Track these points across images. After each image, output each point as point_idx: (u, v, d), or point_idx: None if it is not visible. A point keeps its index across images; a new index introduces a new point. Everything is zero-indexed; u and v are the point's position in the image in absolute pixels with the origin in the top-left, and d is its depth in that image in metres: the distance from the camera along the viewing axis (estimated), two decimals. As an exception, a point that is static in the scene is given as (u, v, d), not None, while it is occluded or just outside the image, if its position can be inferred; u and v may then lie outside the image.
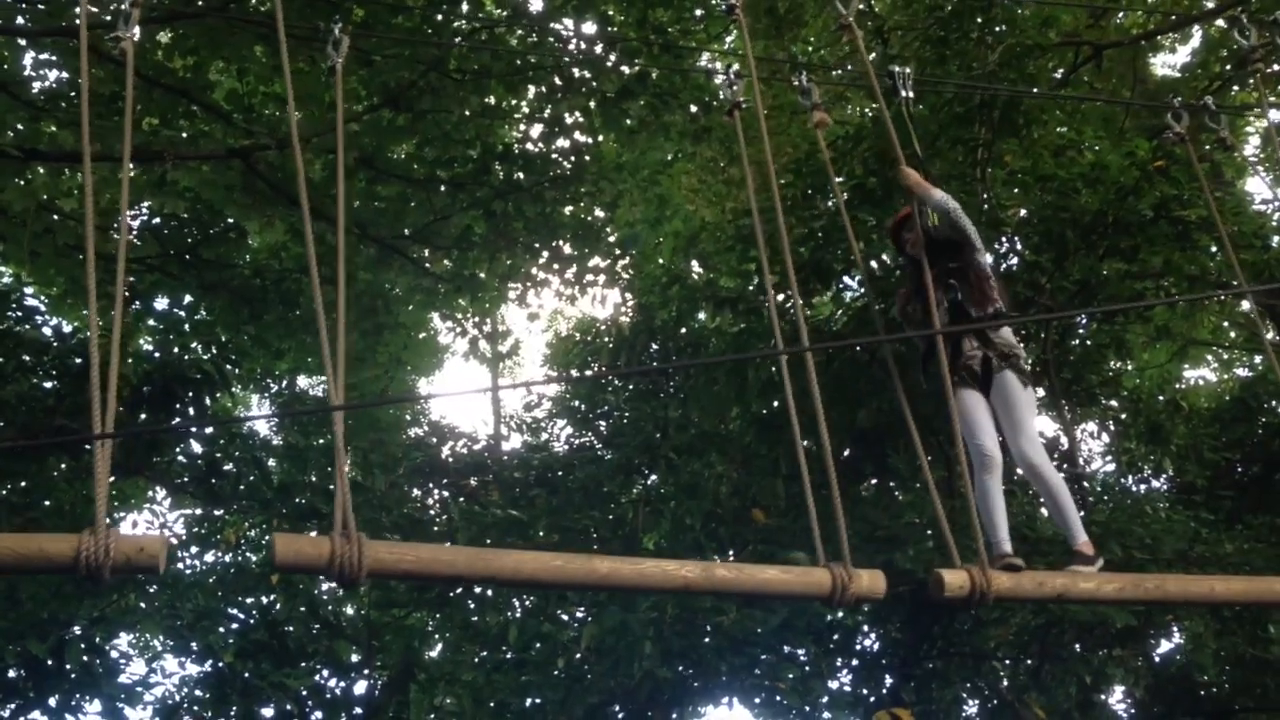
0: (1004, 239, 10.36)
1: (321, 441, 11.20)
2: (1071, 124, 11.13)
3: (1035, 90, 10.21)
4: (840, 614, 9.72)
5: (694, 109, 11.92)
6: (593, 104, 11.28)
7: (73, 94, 9.59)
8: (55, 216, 10.28)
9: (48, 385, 8.66)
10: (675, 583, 4.15)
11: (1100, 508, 9.74)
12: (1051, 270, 9.76)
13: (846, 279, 10.45)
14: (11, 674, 8.36)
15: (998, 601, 4.57)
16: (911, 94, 5.95)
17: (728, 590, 4.31)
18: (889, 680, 10.25)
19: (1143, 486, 11.31)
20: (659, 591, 5.91)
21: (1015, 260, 10.48)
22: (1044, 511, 10.36)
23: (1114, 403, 11.81)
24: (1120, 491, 10.60)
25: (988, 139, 10.19)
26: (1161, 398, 11.67)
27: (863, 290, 9.88)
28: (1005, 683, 10.28)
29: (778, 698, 9.20)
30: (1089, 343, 10.96)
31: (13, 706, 8.68)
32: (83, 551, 3.38)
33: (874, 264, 10.07)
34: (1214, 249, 9.85)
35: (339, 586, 3.77)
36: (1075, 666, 9.49)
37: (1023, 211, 10.54)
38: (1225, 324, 14.41)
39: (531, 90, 11.85)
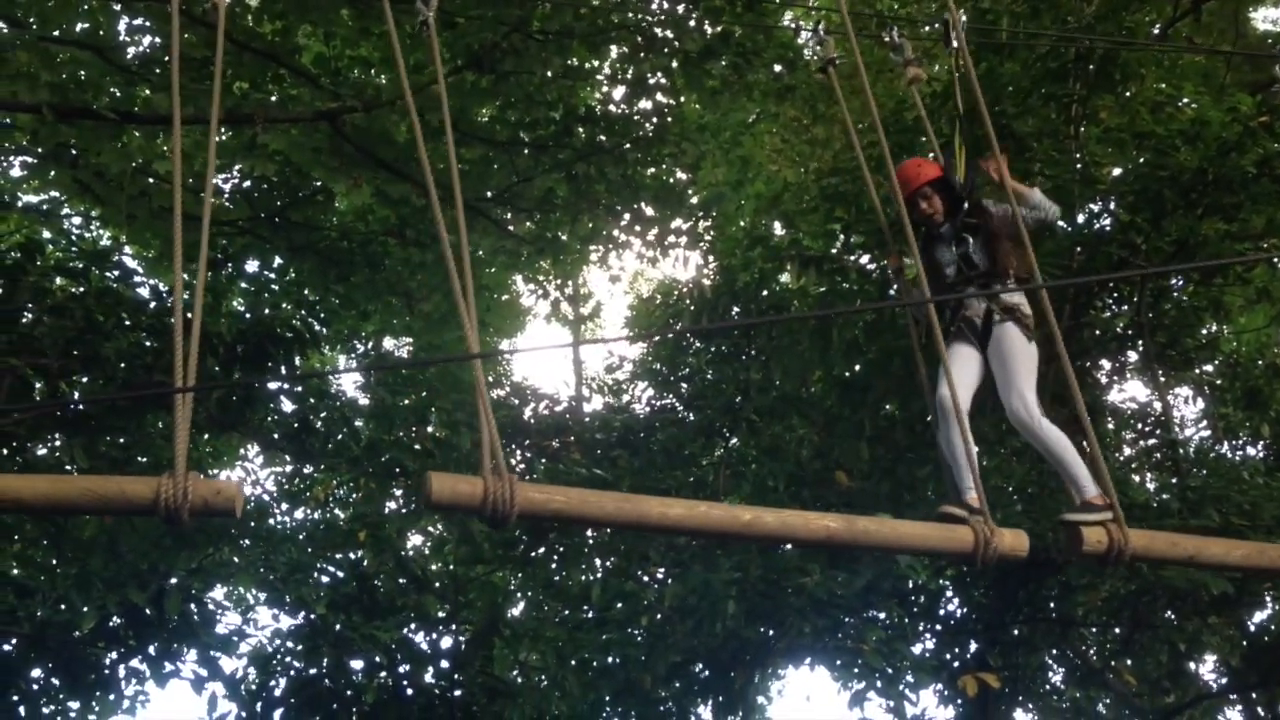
0: (1098, 198, 10.09)
1: (407, 401, 11.35)
2: (1170, 79, 10.77)
3: (1133, 42, 9.89)
4: (924, 578, 9.63)
5: (778, 68, 11.76)
6: (675, 64, 11.18)
7: (166, 59, 9.77)
8: (150, 180, 10.50)
9: (146, 343, 8.88)
10: (818, 533, 4.14)
11: (1195, 473, 9.51)
12: (1148, 230, 9.48)
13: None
14: (114, 622, 8.66)
15: (1134, 560, 4.47)
16: (963, 43, 5.83)
17: (869, 543, 4.26)
18: (973, 645, 10.15)
19: (1239, 454, 11.01)
20: (801, 542, 5.85)
21: (1109, 220, 10.21)
22: (1136, 477, 10.18)
23: (1210, 367, 11.49)
24: (1215, 458, 10.33)
25: (1082, 95, 9.91)
26: (1260, 362, 11.30)
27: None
28: (1093, 650, 10.12)
29: (860, 660, 9.17)
30: (1185, 305, 10.66)
31: (113, 655, 9.00)
32: (161, 494, 3.47)
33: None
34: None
35: (490, 526, 3.81)
36: (1169, 634, 9.30)
37: (1117, 170, 10.25)
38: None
39: (614, 51, 11.79)
